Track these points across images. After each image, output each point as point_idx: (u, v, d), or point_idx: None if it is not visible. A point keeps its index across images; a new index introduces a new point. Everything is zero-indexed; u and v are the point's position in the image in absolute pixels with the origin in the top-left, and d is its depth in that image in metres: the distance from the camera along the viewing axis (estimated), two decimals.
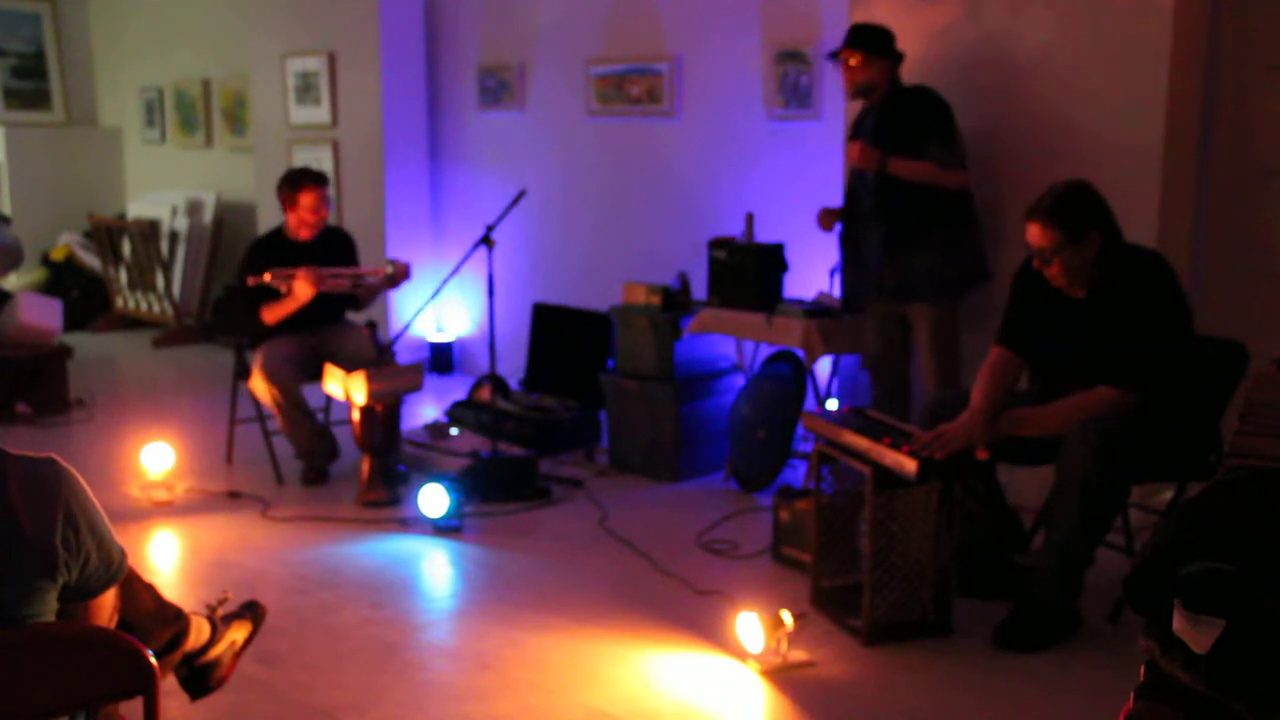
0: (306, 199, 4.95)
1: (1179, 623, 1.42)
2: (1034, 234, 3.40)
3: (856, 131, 4.46)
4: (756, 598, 3.58)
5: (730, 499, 4.79)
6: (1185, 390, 3.40)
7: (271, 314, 4.91)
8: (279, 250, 5.01)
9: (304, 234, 4.99)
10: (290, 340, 4.96)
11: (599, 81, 6.13)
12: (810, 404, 4.84)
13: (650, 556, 4.12)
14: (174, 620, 2.33)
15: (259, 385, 4.88)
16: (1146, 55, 4.12)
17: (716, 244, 5.02)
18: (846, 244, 4.55)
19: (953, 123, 4.26)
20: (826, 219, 4.56)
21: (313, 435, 4.97)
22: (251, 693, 3.10)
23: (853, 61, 4.31)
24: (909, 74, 4.47)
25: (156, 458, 4.82)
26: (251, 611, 2.65)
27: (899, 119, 4.27)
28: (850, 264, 4.56)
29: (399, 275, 5.04)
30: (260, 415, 5.02)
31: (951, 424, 3.39)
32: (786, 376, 4.83)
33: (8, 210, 8.74)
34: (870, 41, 4.32)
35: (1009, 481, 3.86)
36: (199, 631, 2.42)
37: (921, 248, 4.29)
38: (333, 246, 5.08)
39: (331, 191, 7.04)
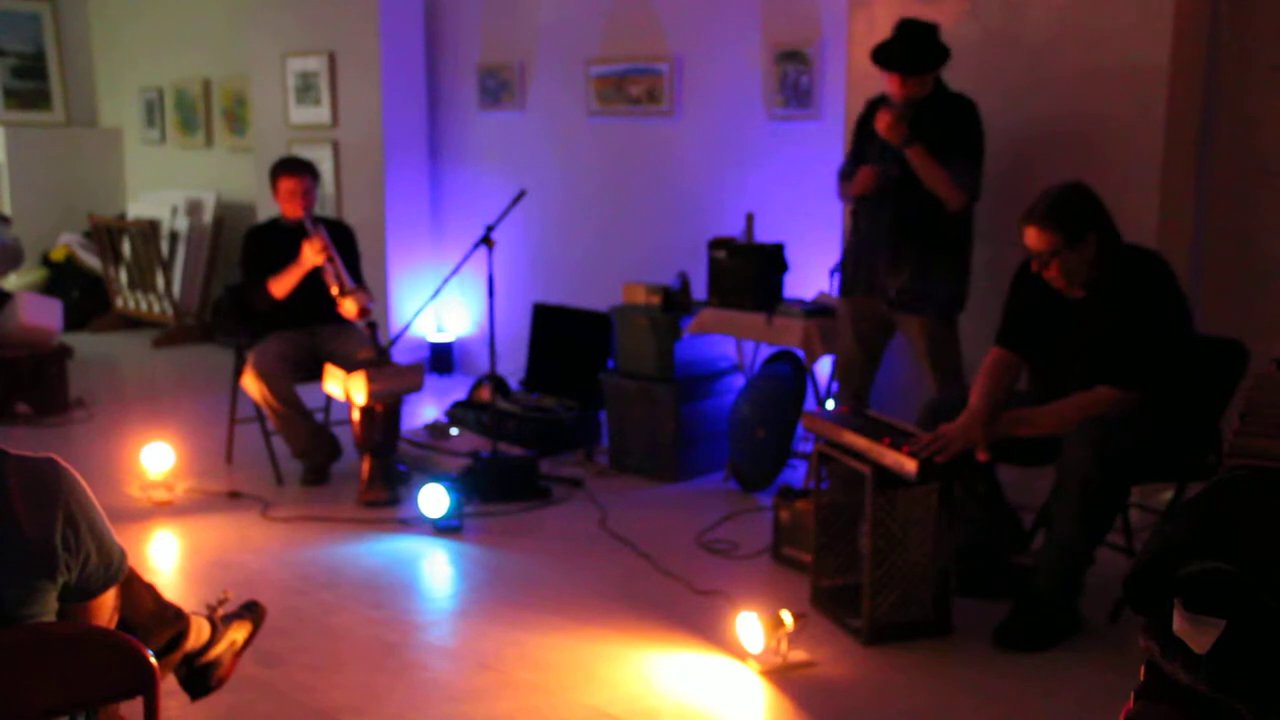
0: (284, 186, 5.00)
1: (1179, 623, 1.42)
2: (1031, 237, 3.40)
3: (878, 104, 4.26)
4: (756, 598, 3.58)
5: (730, 499, 4.79)
6: (1185, 390, 3.40)
7: (279, 286, 4.93)
8: (276, 237, 5.03)
9: (294, 215, 5.01)
10: (286, 339, 4.97)
11: (599, 81, 6.13)
12: (810, 404, 4.85)
13: (650, 556, 4.12)
14: (174, 620, 2.33)
15: (250, 383, 4.88)
16: (1146, 55, 4.12)
17: (716, 244, 5.02)
18: (853, 232, 4.43)
19: (983, 147, 4.15)
20: (868, 179, 4.23)
21: (310, 434, 4.97)
22: (251, 693, 3.10)
23: (914, 83, 4.09)
24: None
25: (156, 458, 4.82)
26: (251, 611, 2.65)
27: (936, 122, 4.10)
28: (852, 255, 4.43)
29: (360, 309, 4.93)
30: (260, 415, 5.02)
31: (951, 425, 3.39)
32: (786, 376, 4.83)
33: (8, 210, 8.74)
34: (928, 60, 4.10)
35: (1009, 481, 3.86)
36: (199, 631, 2.42)
37: (934, 263, 4.20)
38: (332, 236, 5.07)
39: (327, 189, 7.09)
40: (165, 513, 4.64)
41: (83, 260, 8.98)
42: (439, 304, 6.95)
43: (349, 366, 4.68)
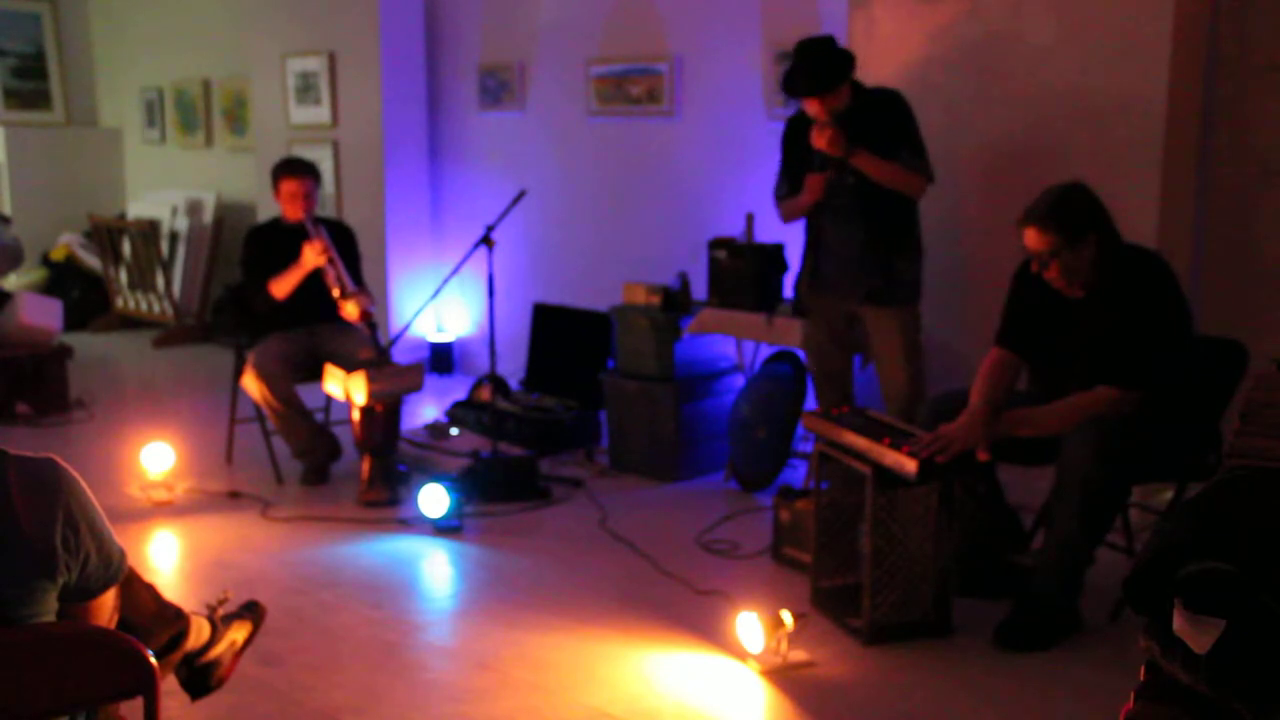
0: (285, 187, 5.01)
1: (1179, 623, 1.42)
2: (1031, 238, 3.40)
3: (800, 121, 4.26)
4: (756, 598, 3.58)
5: (730, 499, 4.79)
6: (1185, 390, 3.40)
7: (279, 286, 4.94)
8: (277, 238, 5.04)
9: (295, 217, 5.02)
10: (286, 339, 4.97)
11: (599, 81, 6.13)
12: (810, 404, 4.84)
13: (650, 556, 4.12)
14: (174, 620, 2.33)
15: (250, 383, 4.88)
16: (1146, 55, 4.12)
17: (716, 244, 5.02)
18: (813, 244, 4.39)
19: (919, 130, 4.16)
20: (819, 186, 4.21)
21: (310, 434, 4.97)
22: (251, 693, 3.10)
23: (836, 104, 4.08)
24: (909, 74, 4.47)
25: (156, 458, 4.82)
26: (251, 611, 2.65)
27: (868, 120, 4.10)
28: (815, 264, 4.39)
29: (362, 312, 4.93)
30: (260, 415, 5.02)
31: (951, 425, 3.38)
32: (786, 376, 4.83)
33: (8, 210, 8.74)
34: (837, 74, 4.07)
35: (1009, 481, 3.86)
36: (199, 631, 2.42)
37: (903, 253, 4.23)
38: (334, 237, 5.07)
39: (327, 189, 7.09)
40: (165, 513, 4.64)
41: (83, 260, 8.98)
42: (439, 304, 6.95)
43: (349, 366, 4.68)
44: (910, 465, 3.25)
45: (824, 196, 4.24)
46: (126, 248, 8.56)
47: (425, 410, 6.09)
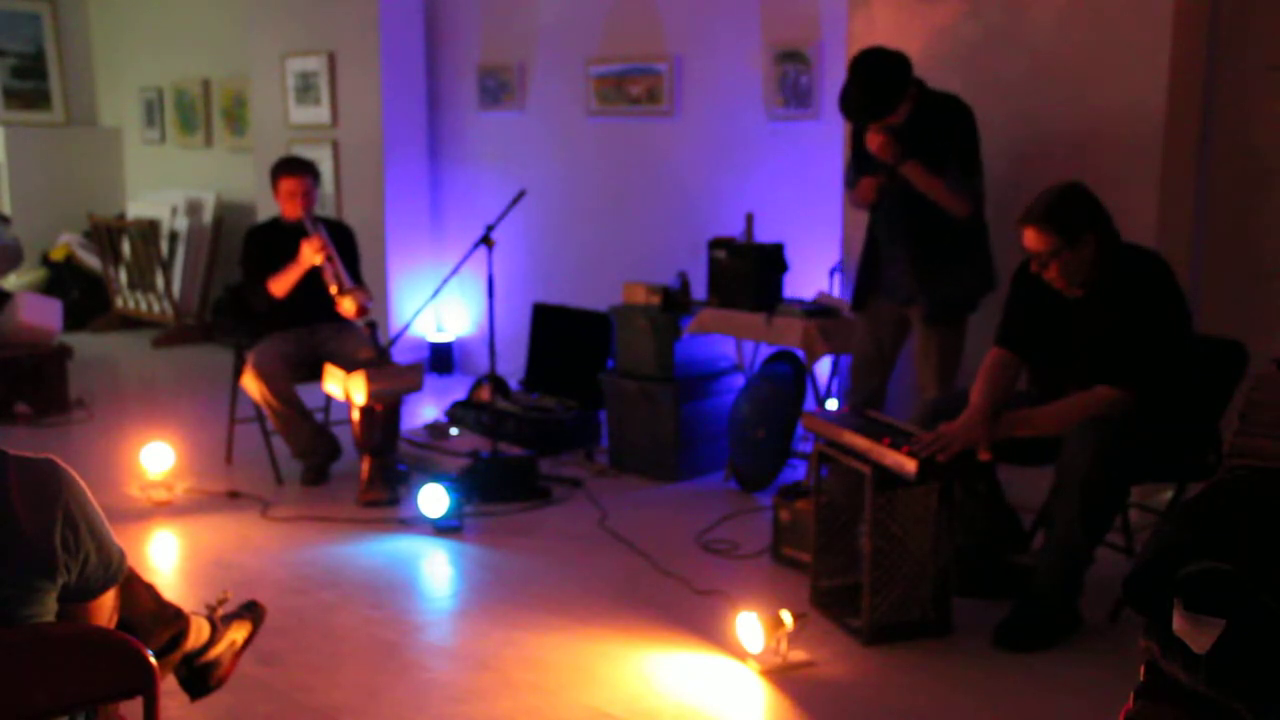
0: (284, 186, 5.02)
1: (1179, 623, 1.42)
2: (1030, 239, 3.40)
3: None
4: (756, 598, 3.58)
5: (730, 499, 4.79)
6: (1184, 390, 3.40)
7: (278, 284, 4.95)
8: (276, 237, 5.05)
9: (294, 215, 5.03)
10: (286, 338, 4.97)
11: (599, 81, 6.13)
12: (810, 404, 4.84)
13: (650, 556, 4.12)
14: (174, 620, 2.33)
15: (250, 383, 4.88)
16: (1146, 55, 4.12)
17: (716, 244, 5.02)
18: (870, 243, 4.36)
19: (978, 145, 4.08)
20: (869, 190, 4.22)
21: (310, 434, 4.97)
22: (251, 693, 3.10)
23: (894, 121, 4.04)
24: None
25: (156, 458, 4.81)
26: (251, 611, 2.66)
27: (926, 127, 4.03)
28: (868, 263, 4.37)
29: (359, 308, 4.97)
30: (260, 415, 5.02)
31: (951, 425, 3.38)
32: (786, 376, 4.82)
33: (8, 210, 8.74)
34: (889, 99, 3.99)
35: (1009, 481, 3.86)
36: (199, 631, 2.42)
37: (948, 270, 4.13)
38: (333, 236, 5.07)
39: (327, 189, 7.10)
40: (165, 513, 4.64)
41: (83, 260, 8.98)
42: (439, 304, 6.95)
43: (349, 366, 4.68)
44: (910, 465, 3.25)
45: (877, 200, 4.21)
46: (126, 248, 8.56)
47: (425, 410, 6.09)
